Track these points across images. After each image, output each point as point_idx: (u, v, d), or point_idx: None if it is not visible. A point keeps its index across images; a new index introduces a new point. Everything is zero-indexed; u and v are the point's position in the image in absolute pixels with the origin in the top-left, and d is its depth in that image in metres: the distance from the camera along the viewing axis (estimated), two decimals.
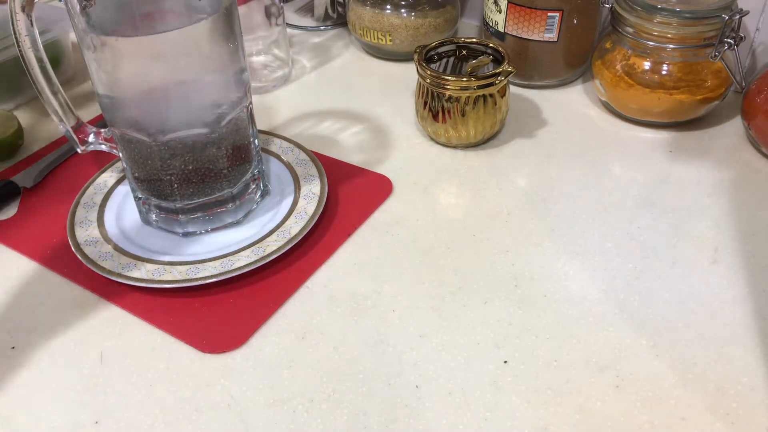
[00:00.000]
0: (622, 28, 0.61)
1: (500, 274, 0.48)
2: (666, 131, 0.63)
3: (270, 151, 0.59)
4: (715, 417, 0.39)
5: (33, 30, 0.44)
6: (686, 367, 0.41)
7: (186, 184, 0.49)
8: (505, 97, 0.59)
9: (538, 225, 0.53)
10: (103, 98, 0.46)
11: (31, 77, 0.46)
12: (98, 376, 0.42)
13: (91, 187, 0.55)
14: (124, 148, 0.48)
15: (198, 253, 0.49)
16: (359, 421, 0.39)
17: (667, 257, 0.49)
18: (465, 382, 0.41)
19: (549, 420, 0.39)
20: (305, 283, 0.48)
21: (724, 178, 0.57)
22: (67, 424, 0.40)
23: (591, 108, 0.67)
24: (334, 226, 0.52)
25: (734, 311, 0.45)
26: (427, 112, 0.60)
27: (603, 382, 0.41)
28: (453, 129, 0.59)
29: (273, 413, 0.40)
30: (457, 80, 0.57)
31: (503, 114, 0.60)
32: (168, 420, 0.40)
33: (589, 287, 0.47)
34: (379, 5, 0.72)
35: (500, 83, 0.58)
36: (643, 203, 0.54)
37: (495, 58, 0.62)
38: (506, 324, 0.45)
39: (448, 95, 0.58)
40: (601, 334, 0.44)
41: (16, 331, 0.45)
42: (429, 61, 0.62)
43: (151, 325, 0.45)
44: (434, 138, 0.62)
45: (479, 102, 0.58)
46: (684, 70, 0.59)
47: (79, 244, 0.49)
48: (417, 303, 0.46)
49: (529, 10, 0.64)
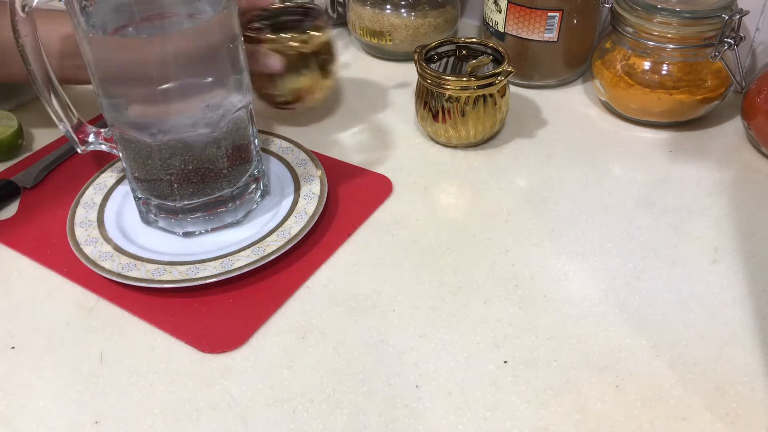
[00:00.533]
0: (622, 28, 0.61)
1: (500, 274, 0.48)
2: (666, 131, 0.63)
3: (270, 151, 0.59)
4: (715, 417, 0.39)
5: (33, 30, 0.44)
6: (686, 367, 0.41)
7: (186, 183, 0.49)
8: (505, 97, 0.59)
9: (538, 225, 0.53)
10: (103, 98, 0.46)
11: (31, 77, 0.46)
12: (98, 376, 0.42)
13: (91, 187, 0.55)
14: (124, 148, 0.48)
15: (198, 253, 0.49)
16: (359, 421, 0.39)
17: (667, 257, 0.49)
18: (465, 382, 0.41)
19: (549, 420, 0.39)
20: (305, 283, 0.48)
21: (724, 178, 0.57)
22: (67, 424, 0.40)
23: (591, 108, 0.67)
24: (334, 226, 0.52)
25: (734, 311, 0.45)
26: (427, 112, 0.60)
27: (603, 382, 0.41)
28: (453, 129, 0.59)
29: (273, 413, 0.40)
30: (457, 80, 0.57)
31: (503, 114, 0.60)
32: (168, 420, 0.40)
33: (589, 287, 0.47)
34: (379, 5, 0.72)
35: (500, 83, 0.58)
36: (643, 203, 0.54)
37: (495, 58, 0.62)
38: (506, 324, 0.45)
39: (448, 95, 0.58)
40: (601, 334, 0.44)
41: (16, 331, 0.45)
42: (429, 61, 0.62)
43: (151, 325, 0.45)
44: (434, 138, 0.62)
45: (479, 102, 0.58)
46: (684, 70, 0.59)
47: (79, 244, 0.49)
48: (417, 303, 0.46)
49: (529, 10, 0.64)
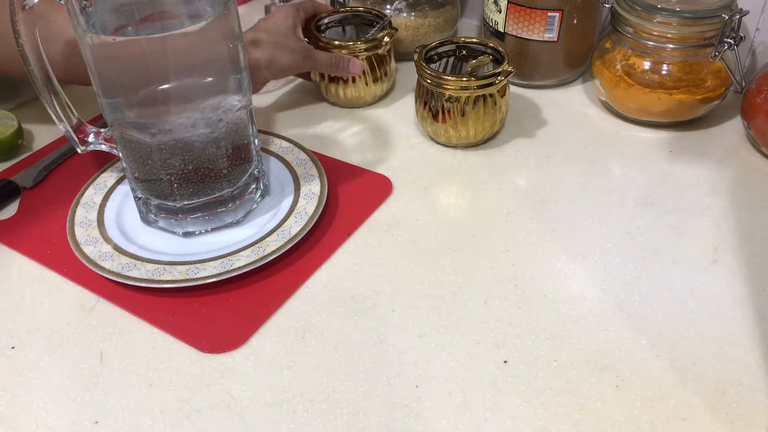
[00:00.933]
0: (622, 28, 0.61)
1: (500, 274, 0.48)
2: (666, 131, 0.63)
3: (270, 150, 0.59)
4: (715, 417, 0.39)
5: (33, 30, 0.44)
6: (686, 367, 0.41)
7: (186, 183, 0.49)
8: (505, 96, 0.59)
9: (538, 225, 0.53)
10: (103, 98, 0.46)
11: (31, 77, 0.46)
12: (98, 376, 0.42)
13: (90, 187, 0.55)
14: (124, 147, 0.48)
15: (198, 253, 0.49)
16: (359, 421, 0.39)
17: (667, 257, 0.49)
18: (465, 382, 0.41)
19: (549, 420, 0.39)
20: (305, 283, 0.48)
21: (724, 177, 0.57)
22: (67, 424, 0.40)
23: (591, 108, 0.67)
24: (334, 226, 0.52)
25: (734, 311, 0.45)
26: (427, 112, 0.60)
27: (603, 382, 0.41)
28: (453, 129, 0.59)
29: (273, 413, 0.40)
30: (457, 80, 0.57)
31: (503, 114, 0.60)
32: (168, 420, 0.40)
33: (589, 287, 0.47)
34: (379, 5, 0.72)
35: (500, 83, 0.58)
36: (643, 203, 0.54)
37: (495, 58, 0.62)
38: (506, 324, 0.45)
39: (448, 95, 0.58)
40: (601, 333, 0.44)
41: (16, 331, 0.45)
42: (429, 61, 0.62)
43: (151, 325, 0.45)
44: (434, 138, 0.62)
45: (479, 102, 0.58)
46: (684, 69, 0.59)
47: (79, 244, 0.49)
48: (417, 303, 0.46)
49: (529, 9, 0.64)
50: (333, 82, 0.65)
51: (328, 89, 0.66)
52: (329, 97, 0.67)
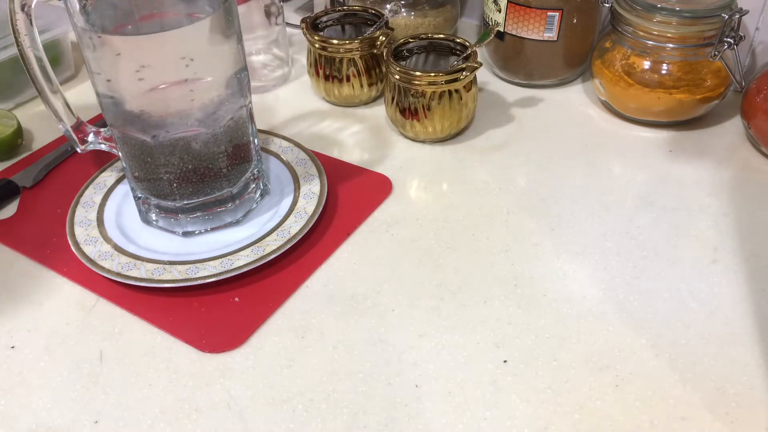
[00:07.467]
0: (621, 28, 0.61)
1: (500, 273, 0.48)
2: (666, 130, 0.63)
3: (270, 150, 0.59)
4: (715, 417, 0.39)
5: (32, 29, 0.44)
6: (686, 366, 0.41)
7: (186, 183, 0.49)
8: (471, 92, 0.60)
9: (538, 225, 0.53)
10: (103, 98, 0.46)
11: (30, 77, 0.46)
12: (98, 375, 0.42)
13: (90, 187, 0.55)
14: (123, 147, 0.48)
15: (198, 252, 0.49)
16: (359, 421, 0.39)
17: (666, 257, 0.49)
18: (465, 382, 0.41)
19: (549, 420, 0.39)
20: (305, 282, 0.48)
21: (724, 177, 0.57)
22: (67, 424, 0.40)
23: (591, 107, 0.67)
24: (334, 225, 0.52)
25: (734, 311, 0.45)
26: (395, 107, 0.60)
27: (603, 382, 0.41)
28: (420, 124, 0.59)
29: (272, 413, 0.40)
30: (424, 75, 0.57)
31: (470, 110, 0.61)
32: (168, 420, 0.40)
33: (589, 287, 0.47)
34: (377, 4, 0.72)
35: (465, 78, 0.58)
36: (643, 203, 0.54)
37: (464, 54, 0.62)
38: (506, 324, 0.45)
39: (414, 90, 0.58)
40: (600, 333, 0.44)
41: (16, 330, 0.45)
42: (399, 58, 0.62)
43: (151, 324, 0.45)
44: (403, 133, 0.62)
45: (444, 97, 0.58)
46: (684, 69, 0.59)
47: (78, 243, 0.49)
48: (417, 303, 0.46)
49: (529, 9, 0.64)
50: (328, 80, 0.65)
51: (324, 88, 0.66)
52: (326, 96, 0.67)
